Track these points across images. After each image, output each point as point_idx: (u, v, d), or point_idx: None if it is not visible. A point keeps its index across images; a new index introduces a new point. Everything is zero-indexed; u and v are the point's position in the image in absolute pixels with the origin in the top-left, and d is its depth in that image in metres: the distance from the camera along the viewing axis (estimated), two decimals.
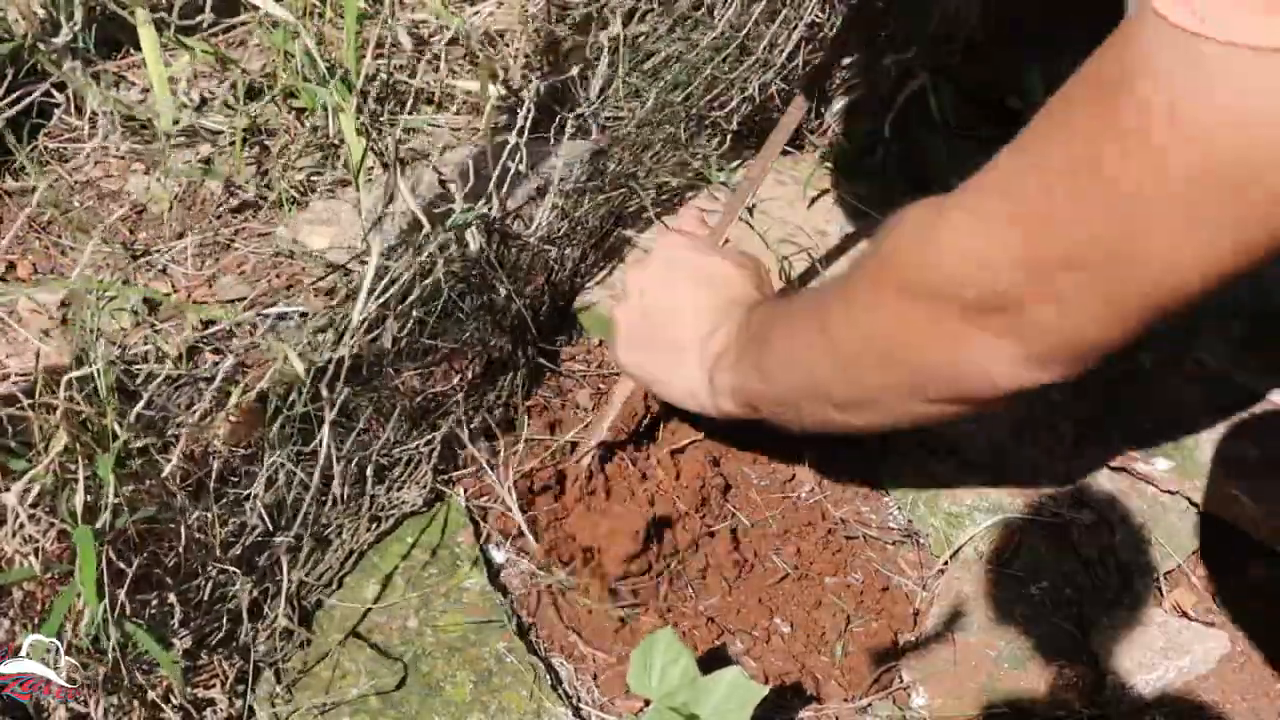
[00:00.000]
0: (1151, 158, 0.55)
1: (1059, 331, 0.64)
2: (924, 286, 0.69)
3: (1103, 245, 0.59)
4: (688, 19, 1.27)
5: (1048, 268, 0.61)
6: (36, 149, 1.40)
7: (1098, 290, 0.61)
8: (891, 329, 0.73)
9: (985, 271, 0.64)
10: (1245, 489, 1.10)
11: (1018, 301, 0.64)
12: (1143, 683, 1.03)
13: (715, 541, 1.12)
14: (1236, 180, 0.53)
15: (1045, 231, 0.61)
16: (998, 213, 0.63)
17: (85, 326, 0.82)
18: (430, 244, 0.98)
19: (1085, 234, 0.59)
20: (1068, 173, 0.59)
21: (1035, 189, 0.61)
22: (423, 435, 1.10)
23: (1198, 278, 0.59)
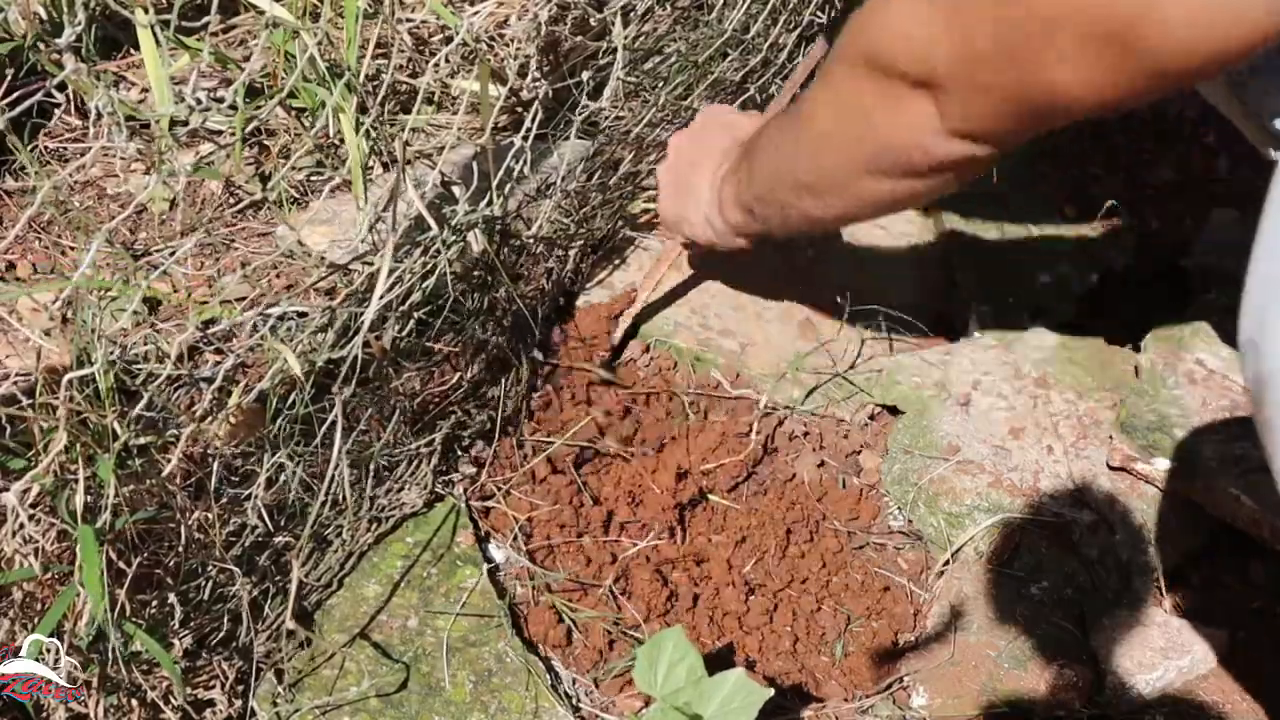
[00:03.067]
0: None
1: (970, 115, 0.73)
2: (874, 59, 0.77)
3: (1008, 50, 0.67)
4: (688, 18, 1.27)
5: (964, 59, 0.70)
6: (37, 149, 1.40)
7: (1009, 93, 0.69)
8: (847, 96, 0.83)
9: (918, 52, 0.73)
10: (1245, 489, 1.10)
11: (941, 81, 0.72)
12: (1143, 683, 1.03)
13: (716, 542, 1.12)
14: (1109, 34, 0.61)
15: (965, 26, 0.69)
16: (933, 9, 0.71)
17: (86, 326, 0.82)
18: (435, 244, 0.98)
19: (993, 33, 0.67)
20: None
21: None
22: (423, 436, 1.10)
23: (1085, 101, 0.66)
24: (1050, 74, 0.66)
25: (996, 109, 0.72)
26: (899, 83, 0.76)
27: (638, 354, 1.29)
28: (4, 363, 1.16)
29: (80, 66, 0.94)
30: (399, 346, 1.02)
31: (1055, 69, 0.65)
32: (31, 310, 1.22)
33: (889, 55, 0.76)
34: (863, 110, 0.82)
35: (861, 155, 0.85)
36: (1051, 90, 0.67)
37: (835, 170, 0.90)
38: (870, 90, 0.80)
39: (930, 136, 0.77)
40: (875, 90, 0.79)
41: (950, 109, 0.74)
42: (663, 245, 1.23)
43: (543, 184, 1.24)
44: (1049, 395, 1.23)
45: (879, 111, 0.80)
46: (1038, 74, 0.66)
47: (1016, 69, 0.67)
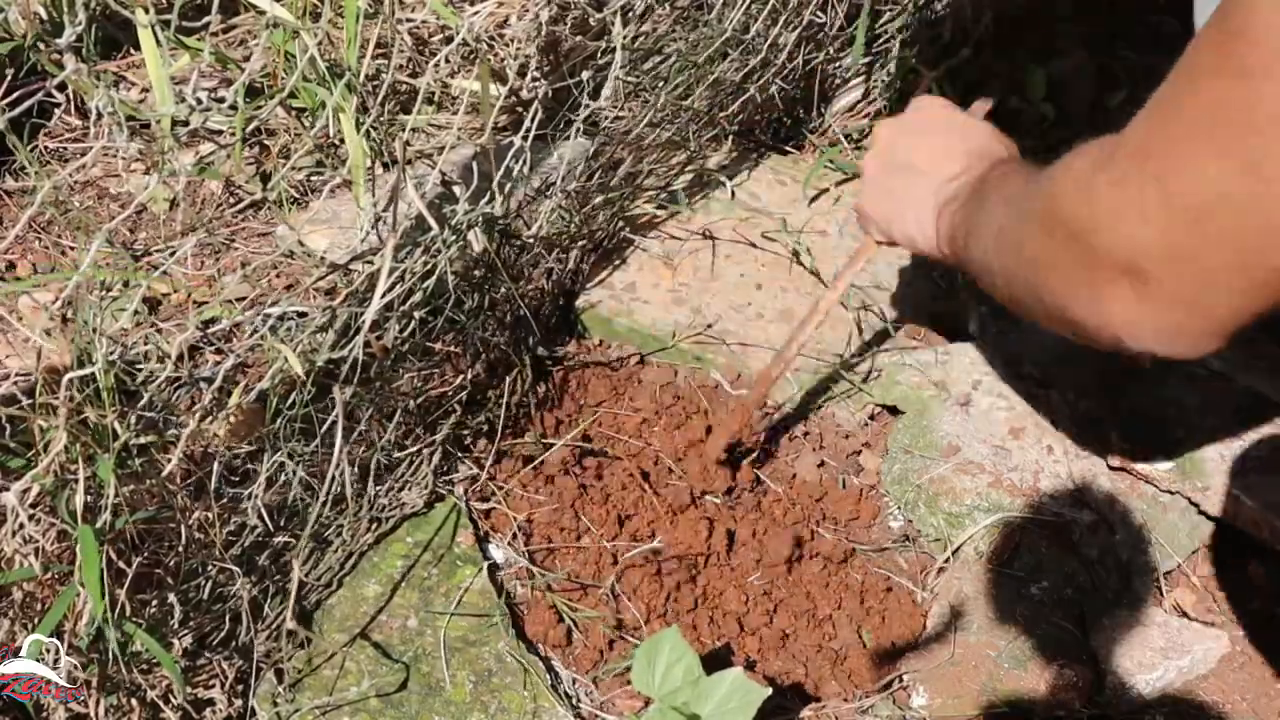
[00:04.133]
0: (1275, 99, 0.53)
1: (1185, 296, 0.63)
2: (1077, 234, 0.67)
3: (1235, 206, 0.57)
4: (688, 18, 1.27)
5: (1179, 233, 0.60)
6: (37, 149, 1.40)
7: (1226, 257, 0.59)
8: (1043, 265, 0.73)
9: (1129, 232, 0.63)
10: (1245, 489, 1.10)
11: (1151, 267, 0.63)
12: (1143, 683, 1.03)
13: (716, 542, 1.12)
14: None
15: (1177, 189, 0.59)
16: (1135, 173, 0.62)
17: (86, 326, 0.82)
18: (435, 244, 0.98)
19: (1217, 190, 0.57)
20: (1199, 122, 0.58)
21: (1167, 144, 0.60)
22: (424, 436, 1.10)
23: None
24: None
25: (1225, 289, 0.62)
26: (1100, 270, 0.66)
27: (634, 354, 1.29)
28: (4, 363, 1.16)
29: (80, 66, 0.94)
30: (400, 346, 1.02)
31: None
32: (31, 310, 1.22)
33: (1100, 239, 0.65)
34: (1056, 289, 0.72)
35: (1047, 313, 0.75)
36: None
37: (1027, 303, 0.79)
38: (1065, 268, 0.70)
39: (1131, 333, 0.68)
40: (1073, 273, 0.69)
41: (1159, 298, 0.64)
42: (858, 242, 1.13)
43: (543, 184, 1.24)
44: (1049, 395, 1.23)
45: (1078, 301, 0.70)
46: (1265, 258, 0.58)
47: (1249, 227, 0.58)
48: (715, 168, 1.44)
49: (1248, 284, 0.61)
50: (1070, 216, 0.68)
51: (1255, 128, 0.55)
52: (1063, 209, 0.69)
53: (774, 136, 1.54)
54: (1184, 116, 0.60)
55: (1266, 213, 0.56)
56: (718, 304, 1.31)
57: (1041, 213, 0.72)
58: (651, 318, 1.29)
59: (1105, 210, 0.64)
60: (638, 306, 1.30)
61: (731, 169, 1.46)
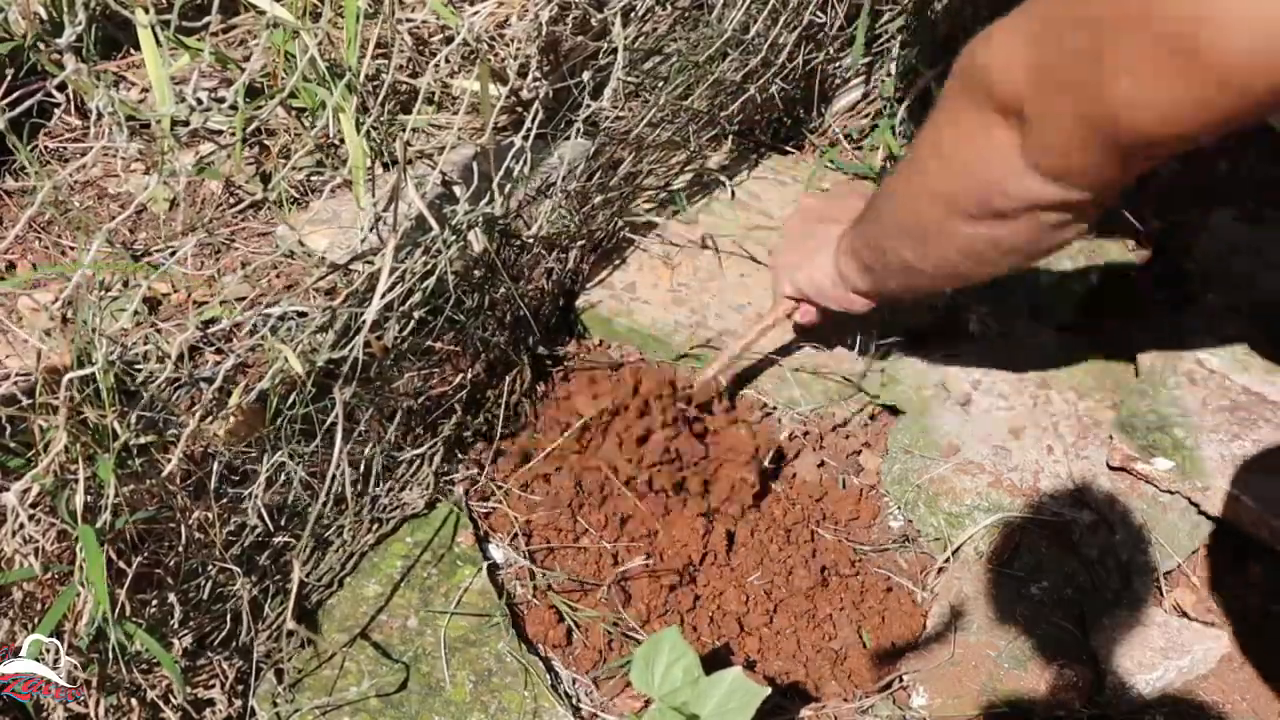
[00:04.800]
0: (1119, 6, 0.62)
1: (1051, 145, 0.72)
2: (970, 83, 0.76)
3: (1081, 74, 0.66)
4: (688, 18, 1.27)
5: (1045, 80, 0.69)
6: (37, 149, 1.40)
7: (1077, 111, 0.68)
8: (945, 121, 0.82)
9: (1006, 73, 0.72)
10: (1245, 489, 1.10)
11: (1025, 106, 0.71)
12: (1143, 683, 1.03)
13: (720, 543, 1.12)
14: (1177, 44, 0.59)
15: (1048, 48, 0.68)
16: (1024, 27, 0.71)
17: (86, 326, 0.82)
18: (436, 244, 0.98)
19: (1072, 57, 0.66)
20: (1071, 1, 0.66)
21: (1049, 11, 0.69)
22: (424, 437, 1.10)
23: (1156, 129, 0.64)
24: (1115, 90, 0.64)
25: (1070, 138, 0.70)
26: (989, 109, 0.75)
27: (634, 354, 1.29)
28: (4, 363, 1.16)
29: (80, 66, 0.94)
30: (400, 346, 1.02)
31: (1119, 84, 0.63)
32: (31, 310, 1.22)
33: (985, 77, 0.74)
34: (955, 139, 0.80)
35: (951, 191, 0.83)
36: (1118, 111, 0.65)
37: (928, 210, 0.87)
38: (964, 117, 0.78)
39: (1011, 171, 0.75)
40: (968, 117, 0.78)
41: (1030, 137, 0.73)
42: (770, 306, 1.20)
43: (543, 184, 1.24)
44: (1049, 395, 1.23)
45: (969, 142, 0.78)
46: (1102, 90, 0.65)
47: (1086, 87, 0.66)
48: (715, 168, 1.44)
49: (1097, 146, 0.69)
50: (971, 62, 0.76)
51: (1103, 26, 0.63)
52: (966, 59, 0.77)
53: (774, 136, 1.54)
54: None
55: (1102, 92, 0.65)
56: (717, 304, 1.31)
57: (949, 80, 0.80)
58: (651, 318, 1.29)
59: (996, 50, 0.73)
60: (638, 306, 1.30)
61: (731, 169, 1.46)
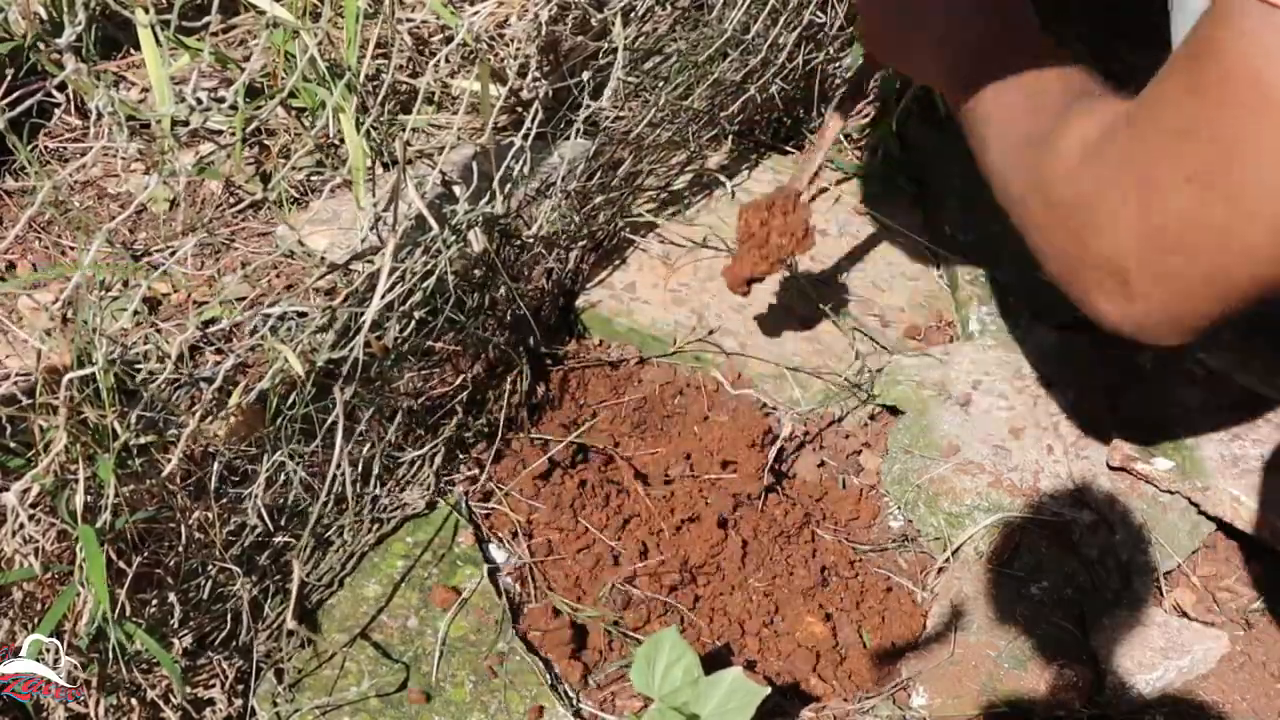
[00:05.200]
0: (1240, 128, 0.55)
1: (1160, 302, 0.66)
2: (1070, 222, 0.70)
3: (1205, 226, 0.59)
4: (688, 18, 1.27)
5: (1155, 245, 0.63)
6: (37, 149, 1.40)
7: (1198, 270, 0.62)
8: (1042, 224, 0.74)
9: (1108, 230, 0.66)
10: (1245, 489, 1.10)
11: (1128, 272, 0.66)
12: (1143, 683, 1.03)
13: (720, 544, 1.12)
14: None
15: (1154, 204, 0.61)
16: (1120, 182, 0.64)
17: (86, 326, 0.82)
18: (436, 244, 0.98)
19: (1188, 209, 0.60)
20: (1172, 141, 0.60)
21: (1145, 156, 0.62)
22: (425, 437, 1.10)
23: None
24: (1256, 236, 0.59)
25: (1188, 301, 0.65)
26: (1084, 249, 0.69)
27: (634, 354, 1.29)
28: (4, 363, 1.16)
29: (80, 66, 0.94)
30: (400, 346, 1.02)
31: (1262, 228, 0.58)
32: (31, 310, 1.22)
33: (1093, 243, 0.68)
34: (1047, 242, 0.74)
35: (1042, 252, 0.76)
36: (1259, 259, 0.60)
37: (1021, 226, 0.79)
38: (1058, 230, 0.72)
39: (1110, 311, 0.70)
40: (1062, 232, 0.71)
41: (1135, 300, 0.67)
42: (826, 125, 1.14)
43: (543, 184, 1.24)
44: (1049, 395, 1.23)
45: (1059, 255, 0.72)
46: (1240, 241, 0.60)
47: (1216, 242, 0.61)
48: (715, 168, 1.44)
49: (1218, 295, 0.64)
50: (1061, 198, 0.70)
51: (1223, 154, 0.57)
52: (1057, 192, 0.70)
53: (774, 136, 1.54)
54: (1160, 131, 0.62)
55: (1232, 235, 0.59)
56: (717, 304, 1.31)
57: (1040, 183, 0.73)
58: (651, 317, 1.29)
59: (1092, 209, 0.67)
60: (638, 306, 1.30)
61: (731, 169, 1.46)
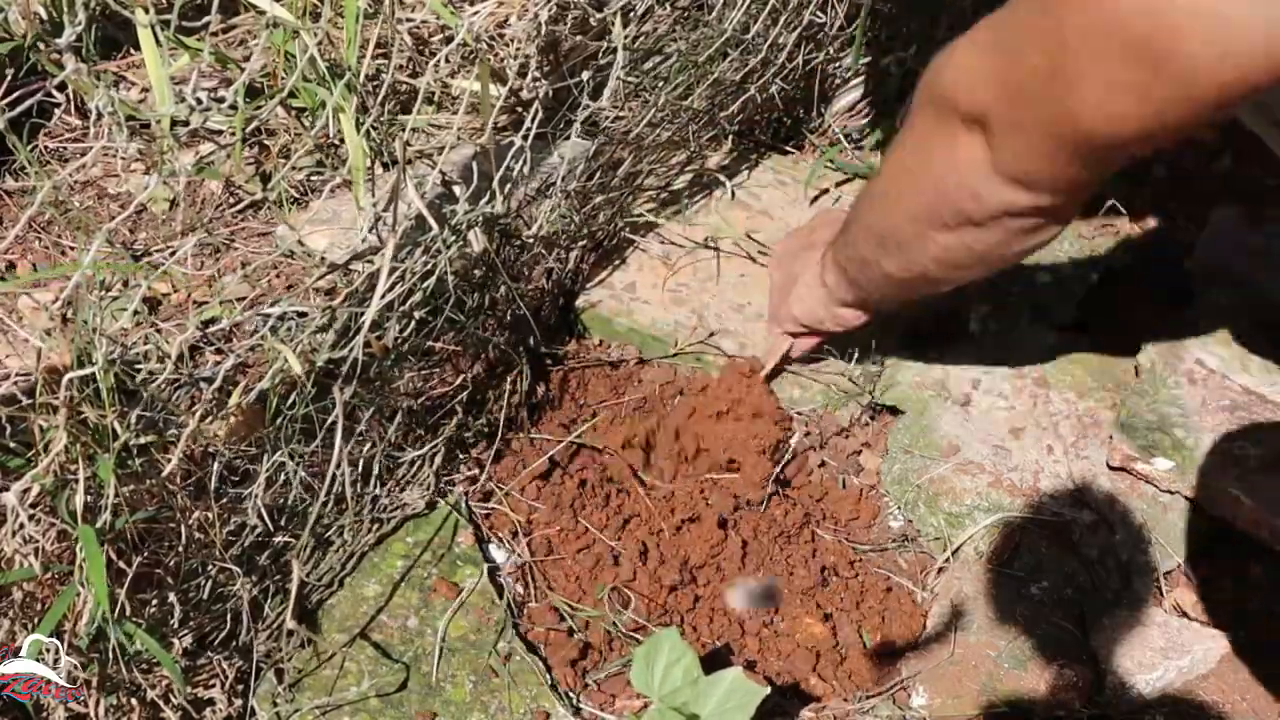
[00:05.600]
0: (1079, 16, 0.64)
1: (1016, 154, 0.74)
2: (936, 98, 0.79)
3: (1043, 83, 0.68)
4: (688, 18, 1.27)
5: (1010, 94, 0.71)
6: (37, 149, 1.40)
7: (1042, 122, 0.70)
8: (915, 138, 0.84)
9: (971, 87, 0.74)
10: (1245, 489, 1.10)
11: (989, 117, 0.74)
12: (1143, 683, 1.03)
13: (721, 544, 1.12)
14: (1141, 49, 0.61)
15: (1010, 61, 0.70)
16: (986, 41, 0.73)
17: (86, 326, 0.82)
18: (435, 244, 0.98)
19: (1034, 68, 0.68)
20: (1031, 12, 0.69)
21: (1009, 23, 0.71)
22: (425, 437, 1.10)
23: (1119, 132, 0.67)
24: (1078, 100, 0.66)
25: (1037, 146, 0.72)
26: (955, 122, 0.77)
27: (634, 354, 1.29)
28: (4, 363, 1.16)
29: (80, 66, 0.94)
30: (400, 346, 1.02)
31: (1083, 94, 0.65)
32: (31, 310, 1.22)
33: (950, 92, 0.76)
34: (925, 154, 0.82)
35: (923, 203, 0.85)
36: (1085, 119, 0.67)
37: (904, 222, 0.89)
38: (932, 133, 0.80)
39: (982, 180, 0.77)
40: (936, 132, 0.79)
41: (997, 147, 0.75)
42: (768, 352, 1.23)
43: (543, 184, 1.24)
44: (1049, 395, 1.23)
45: (938, 154, 0.80)
46: (1067, 101, 0.66)
47: (1049, 96, 0.68)
48: (715, 168, 1.44)
49: (1063, 153, 0.71)
50: (936, 78, 0.78)
51: (1064, 36, 0.65)
52: (931, 75, 0.79)
53: (774, 136, 1.54)
54: (1024, 5, 0.70)
55: (1066, 102, 0.67)
56: (717, 304, 1.31)
57: (916, 99, 0.82)
58: (651, 318, 1.29)
59: (959, 64, 0.76)
60: (638, 306, 1.30)
61: (731, 169, 1.46)
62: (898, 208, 0.89)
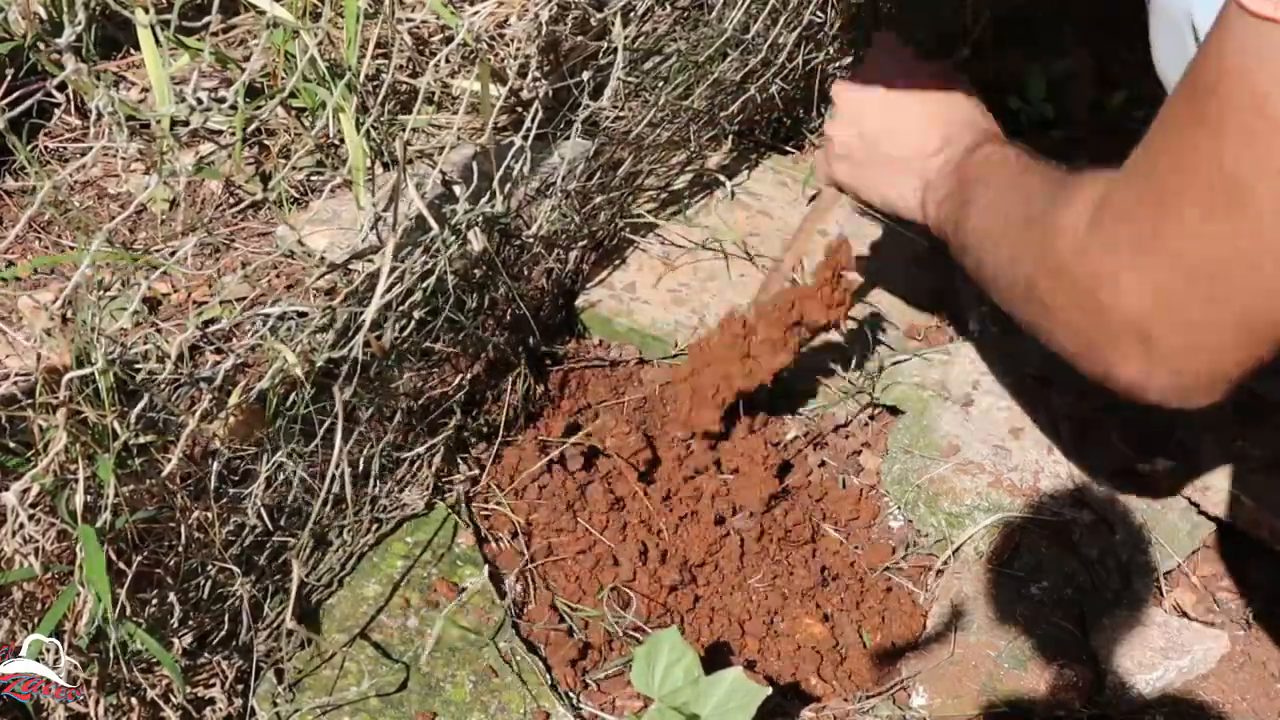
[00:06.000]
0: (1256, 152, 0.53)
1: (1188, 357, 0.62)
2: (1081, 289, 0.66)
3: (1227, 264, 0.56)
4: (688, 18, 1.27)
5: (1176, 296, 0.60)
6: (37, 149, 1.40)
7: (1228, 315, 0.59)
8: (1047, 299, 0.71)
9: (1131, 297, 0.62)
10: (1245, 489, 1.10)
11: (1150, 332, 0.62)
12: (1143, 683, 1.03)
13: (720, 543, 1.12)
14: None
15: (1169, 252, 0.59)
16: (1128, 240, 0.61)
17: (85, 326, 0.82)
18: (435, 244, 0.98)
19: (1207, 249, 0.57)
20: (1178, 181, 0.58)
21: (1151, 205, 0.60)
22: (424, 437, 1.10)
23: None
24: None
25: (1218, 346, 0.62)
26: (1105, 324, 0.66)
27: (634, 354, 1.29)
28: (4, 363, 1.16)
29: (80, 66, 0.94)
30: (399, 346, 1.02)
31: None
32: (31, 310, 1.22)
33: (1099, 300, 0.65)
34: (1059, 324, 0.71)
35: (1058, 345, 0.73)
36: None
37: (1032, 328, 0.77)
38: (1074, 312, 0.68)
39: (1142, 384, 0.66)
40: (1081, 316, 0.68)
41: (1158, 363, 0.64)
42: (808, 215, 1.13)
43: (543, 184, 1.24)
44: (1049, 395, 1.23)
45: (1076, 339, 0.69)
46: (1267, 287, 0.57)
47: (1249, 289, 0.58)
48: (715, 168, 1.44)
49: (1251, 338, 0.60)
50: (1071, 272, 0.67)
51: (1235, 183, 0.54)
52: (1063, 263, 0.67)
53: (774, 136, 1.54)
54: (1163, 175, 0.59)
55: (1259, 269, 0.56)
56: (717, 304, 1.31)
57: (1042, 259, 0.70)
58: (651, 317, 1.29)
59: (1103, 274, 0.63)
60: (638, 306, 1.30)
61: (731, 169, 1.46)
62: (1015, 309, 0.78)
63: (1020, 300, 0.76)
